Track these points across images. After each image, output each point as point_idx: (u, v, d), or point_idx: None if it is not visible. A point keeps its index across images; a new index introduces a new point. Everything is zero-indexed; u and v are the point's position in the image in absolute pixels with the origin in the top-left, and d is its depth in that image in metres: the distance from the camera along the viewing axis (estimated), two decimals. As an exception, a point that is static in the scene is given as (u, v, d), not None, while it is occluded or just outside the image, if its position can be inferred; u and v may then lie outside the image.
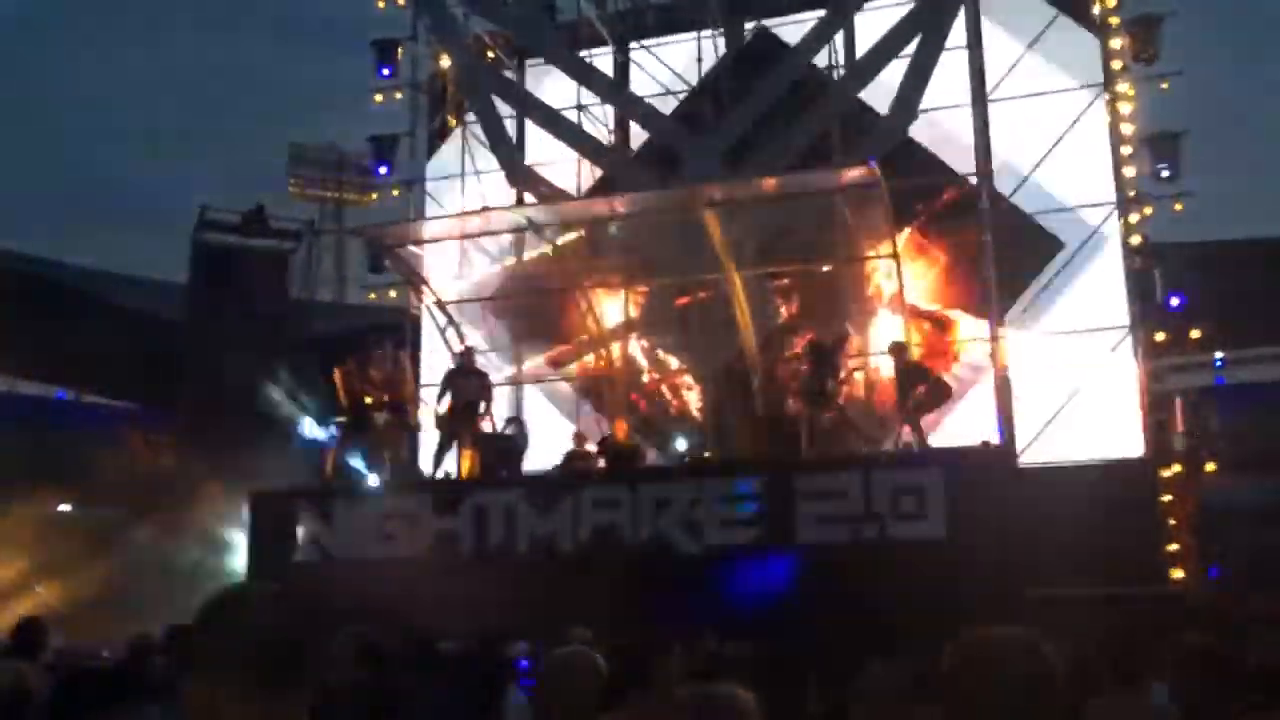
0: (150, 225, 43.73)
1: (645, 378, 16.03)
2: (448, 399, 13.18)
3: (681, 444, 14.46)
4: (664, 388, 15.99)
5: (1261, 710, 3.29)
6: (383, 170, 18.03)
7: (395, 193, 18.06)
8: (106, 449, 17.67)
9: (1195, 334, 13.95)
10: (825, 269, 14.92)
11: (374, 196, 21.95)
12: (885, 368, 13.71)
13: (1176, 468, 13.34)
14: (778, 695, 4.57)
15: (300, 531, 11.77)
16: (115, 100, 62.85)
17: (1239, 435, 13.97)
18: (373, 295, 18.24)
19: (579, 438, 13.49)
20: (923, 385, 12.21)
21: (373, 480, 12.92)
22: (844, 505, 10.25)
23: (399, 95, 17.78)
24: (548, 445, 13.75)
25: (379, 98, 17.76)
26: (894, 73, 14.29)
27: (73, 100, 61.48)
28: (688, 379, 15.85)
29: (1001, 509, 9.83)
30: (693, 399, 15.75)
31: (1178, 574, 12.40)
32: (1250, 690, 3.44)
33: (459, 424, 13.11)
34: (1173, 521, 12.89)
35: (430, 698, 4.86)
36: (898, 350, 12.76)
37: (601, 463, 12.89)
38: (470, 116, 16.93)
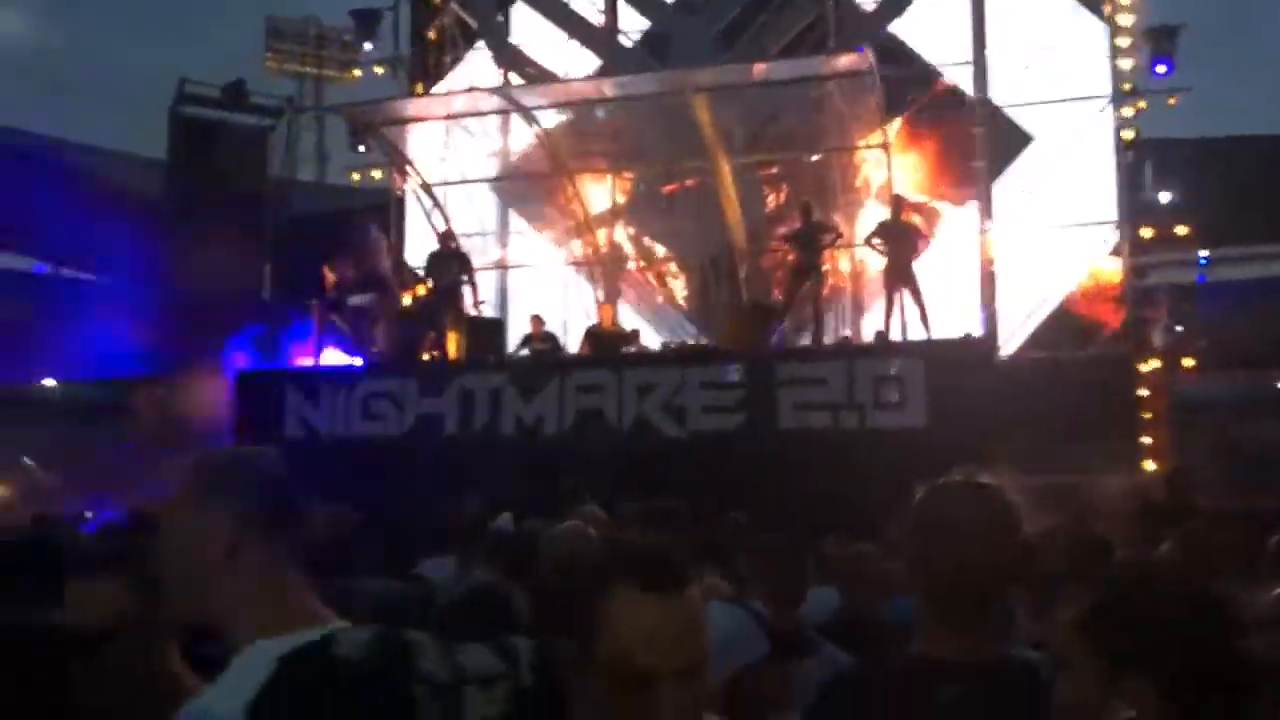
0: (119, 99, 42.63)
1: (631, 265, 15.96)
2: (430, 282, 13.13)
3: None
4: (650, 275, 15.94)
5: None
6: (366, 46, 17.59)
7: (378, 70, 17.61)
8: (88, 325, 17.53)
9: (1182, 230, 13.95)
10: (814, 158, 14.75)
11: (356, 73, 21.35)
12: (871, 259, 13.67)
13: (1155, 363, 13.48)
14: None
15: (287, 410, 11.83)
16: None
17: (1218, 332, 14.09)
18: (355, 176, 17.94)
19: (536, 321, 13.39)
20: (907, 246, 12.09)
21: (358, 361, 12.93)
22: (825, 393, 10.39)
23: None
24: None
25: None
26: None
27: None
28: (674, 266, 15.80)
29: (981, 400, 9.94)
30: (678, 287, 15.72)
31: (1150, 466, 12.65)
32: None
33: (442, 306, 13.08)
34: (1149, 415, 13.10)
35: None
36: (897, 203, 12.55)
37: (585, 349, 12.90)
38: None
